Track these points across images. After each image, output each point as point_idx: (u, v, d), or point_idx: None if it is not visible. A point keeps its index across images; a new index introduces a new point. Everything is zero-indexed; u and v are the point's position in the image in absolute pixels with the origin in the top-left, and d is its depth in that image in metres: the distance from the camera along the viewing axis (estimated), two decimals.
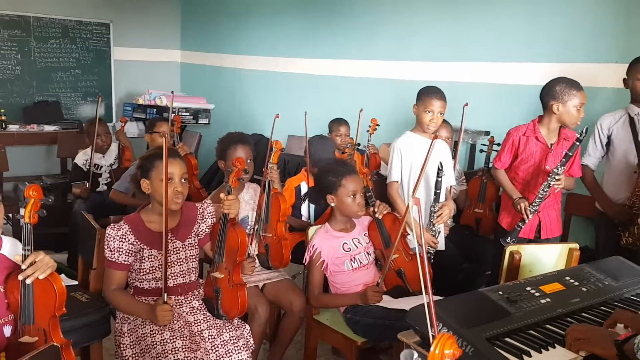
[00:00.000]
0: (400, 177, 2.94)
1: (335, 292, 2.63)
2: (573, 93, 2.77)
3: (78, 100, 6.71)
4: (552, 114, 2.83)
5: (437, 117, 2.87)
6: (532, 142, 2.92)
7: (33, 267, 1.66)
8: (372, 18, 5.09)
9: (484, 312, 1.61)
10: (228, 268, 2.32)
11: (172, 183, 2.22)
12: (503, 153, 3.00)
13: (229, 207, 2.26)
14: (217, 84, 6.92)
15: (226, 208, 2.26)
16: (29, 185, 1.69)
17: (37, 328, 1.70)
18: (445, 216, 2.87)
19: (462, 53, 4.39)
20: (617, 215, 2.93)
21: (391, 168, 2.94)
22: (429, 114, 2.86)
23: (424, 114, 2.87)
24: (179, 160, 2.30)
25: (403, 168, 2.93)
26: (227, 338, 2.18)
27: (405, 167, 2.93)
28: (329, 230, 2.65)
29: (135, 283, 2.29)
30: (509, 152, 2.98)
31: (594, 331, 1.55)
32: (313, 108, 5.63)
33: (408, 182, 2.92)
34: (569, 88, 2.78)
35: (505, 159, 3.00)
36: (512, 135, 2.98)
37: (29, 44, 6.34)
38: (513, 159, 2.99)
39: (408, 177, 2.93)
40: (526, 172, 2.94)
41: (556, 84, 2.82)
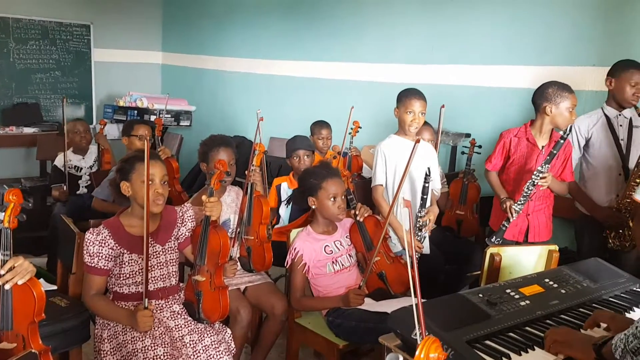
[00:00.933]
0: (384, 180, 2.95)
1: (317, 295, 2.63)
2: (565, 95, 2.81)
3: (58, 102, 6.63)
4: (545, 116, 2.86)
5: (418, 117, 2.89)
6: (523, 143, 2.94)
7: (12, 272, 1.63)
8: (355, 21, 5.10)
9: (464, 315, 1.63)
10: (210, 271, 2.31)
11: (152, 185, 2.20)
12: (494, 155, 3.03)
13: (211, 210, 2.26)
14: (199, 86, 6.88)
15: (208, 210, 2.25)
16: (9, 189, 1.66)
17: (16, 334, 1.67)
18: (432, 222, 2.90)
19: (443, 56, 4.42)
20: (607, 218, 2.93)
21: (375, 172, 2.95)
22: (410, 114, 2.88)
23: (406, 115, 2.89)
24: (160, 163, 2.29)
25: (387, 171, 2.95)
26: (208, 343, 2.17)
27: (390, 170, 2.94)
28: (310, 233, 2.66)
29: (115, 288, 2.27)
30: (500, 154, 3.01)
31: (573, 334, 1.57)
32: (295, 110, 5.64)
33: (393, 185, 2.93)
34: (561, 90, 2.82)
35: (496, 160, 3.02)
36: (504, 137, 3.01)
37: (8, 45, 6.26)
38: (505, 161, 3.02)
39: (393, 180, 2.94)
40: (516, 174, 2.96)
41: (549, 86, 2.86)
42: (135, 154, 2.31)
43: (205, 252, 2.30)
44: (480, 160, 3.29)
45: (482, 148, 3.66)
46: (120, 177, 2.27)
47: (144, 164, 2.13)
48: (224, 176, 2.42)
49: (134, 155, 2.31)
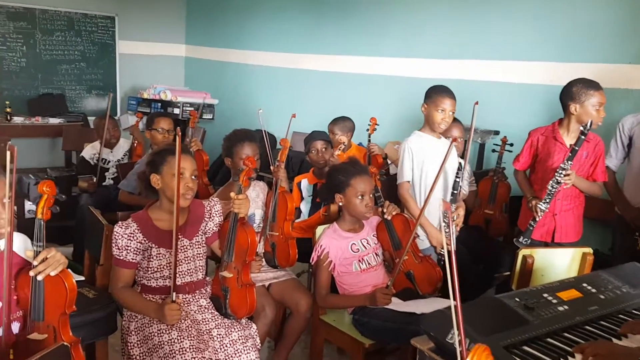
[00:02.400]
0: (411, 177, 2.90)
1: (342, 293, 2.60)
2: (590, 93, 2.73)
3: (83, 94, 6.70)
4: (571, 115, 2.80)
5: (448, 116, 2.83)
6: (550, 142, 2.89)
7: (45, 264, 1.63)
8: (380, 14, 5.05)
9: (500, 319, 1.58)
10: (237, 268, 2.29)
11: (183, 179, 2.19)
12: (522, 154, 2.99)
13: (239, 207, 2.24)
14: (222, 79, 6.89)
15: (236, 207, 2.23)
16: (43, 181, 1.66)
17: (47, 325, 1.68)
18: (461, 218, 2.85)
19: (470, 51, 4.36)
20: (635, 219, 2.89)
21: (402, 168, 2.91)
22: (441, 112, 2.82)
23: (436, 113, 2.82)
24: (191, 157, 2.28)
25: (414, 168, 2.90)
26: (235, 337, 2.16)
27: (417, 167, 2.89)
28: (337, 230, 2.62)
29: (143, 281, 2.26)
30: (528, 153, 2.97)
31: (616, 349, 1.51)
32: (318, 105, 5.61)
33: (419, 182, 2.89)
34: (586, 88, 2.75)
35: (523, 159, 2.99)
36: (532, 136, 2.97)
37: (35, 36, 6.32)
38: (533, 160, 2.97)
39: (419, 177, 2.89)
40: (544, 173, 2.90)
41: (574, 84, 2.79)
42: (167, 147, 2.30)
43: (233, 249, 2.29)
44: (510, 159, 3.23)
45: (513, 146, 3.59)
46: (150, 170, 2.25)
47: (175, 158, 2.12)
48: (252, 173, 2.40)
49: (166, 148, 2.30)
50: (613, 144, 3.07)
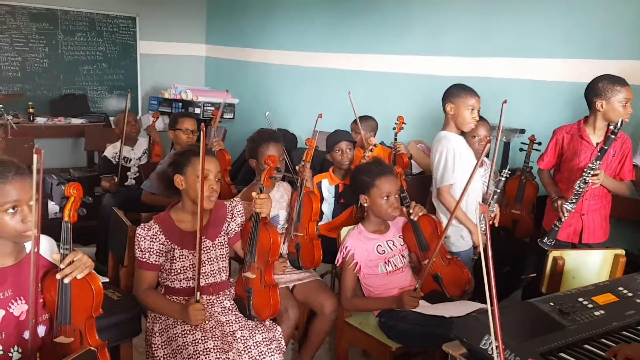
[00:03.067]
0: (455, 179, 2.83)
1: (368, 295, 2.57)
2: (617, 89, 2.67)
3: (104, 94, 6.74)
4: (597, 112, 2.74)
5: (477, 114, 2.79)
6: (576, 140, 2.83)
7: (71, 267, 1.62)
8: (402, 12, 4.99)
9: (535, 325, 1.54)
10: (260, 268, 2.27)
11: (207, 181, 2.18)
12: (547, 153, 2.94)
13: (261, 206, 2.22)
14: (242, 79, 6.88)
15: (258, 207, 2.22)
16: (70, 183, 1.65)
17: (73, 329, 1.66)
18: (497, 218, 2.83)
19: (495, 48, 4.28)
20: None
21: (446, 170, 2.80)
22: (471, 111, 2.77)
23: (466, 111, 2.77)
24: (215, 159, 2.27)
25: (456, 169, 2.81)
26: (260, 339, 2.14)
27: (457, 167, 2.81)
28: (362, 232, 2.59)
29: (166, 282, 2.25)
30: (553, 152, 2.92)
31: None
32: (339, 104, 5.57)
33: None
34: (612, 84, 2.69)
35: (547, 158, 2.94)
36: (556, 134, 2.92)
37: (57, 37, 6.37)
38: (559, 159, 2.91)
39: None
40: (570, 172, 2.84)
41: (599, 81, 2.73)
42: (191, 148, 2.29)
43: (256, 250, 2.27)
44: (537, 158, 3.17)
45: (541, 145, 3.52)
46: (174, 170, 2.24)
47: (200, 160, 2.11)
48: (274, 172, 2.38)
49: (190, 149, 2.29)
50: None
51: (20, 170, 1.64)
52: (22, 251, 1.72)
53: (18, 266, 1.68)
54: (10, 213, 1.58)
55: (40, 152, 1.54)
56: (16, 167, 1.64)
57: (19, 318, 1.67)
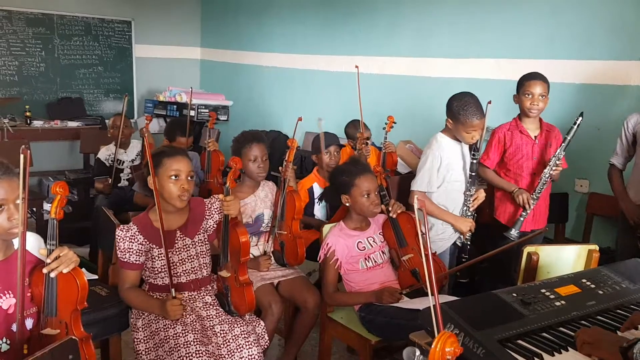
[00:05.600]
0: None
1: (349, 291, 2.65)
2: (524, 84, 2.95)
3: (100, 97, 6.82)
4: (520, 106, 3.00)
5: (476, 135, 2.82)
6: (517, 136, 3.02)
7: (57, 261, 1.70)
8: (391, 14, 5.07)
9: (496, 314, 1.61)
10: (234, 267, 2.35)
11: (178, 180, 2.25)
12: (491, 151, 3.08)
13: (229, 208, 2.28)
14: (236, 81, 6.96)
15: (225, 209, 2.28)
16: (56, 182, 1.73)
17: (59, 321, 1.74)
18: (481, 198, 2.90)
19: (481, 49, 4.36)
20: (636, 217, 2.91)
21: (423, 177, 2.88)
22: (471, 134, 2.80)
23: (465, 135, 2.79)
24: (186, 158, 2.32)
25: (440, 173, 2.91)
26: (238, 333, 2.21)
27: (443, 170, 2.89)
28: (343, 229, 2.67)
29: (150, 280, 2.33)
30: (496, 150, 3.07)
31: (602, 335, 1.54)
32: (331, 105, 5.65)
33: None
34: (523, 79, 2.97)
35: (493, 156, 3.08)
36: (497, 132, 3.07)
37: (53, 41, 6.45)
38: (500, 157, 3.07)
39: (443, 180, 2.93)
40: (516, 166, 3.03)
41: (520, 78, 3.00)
42: (163, 149, 2.37)
43: (227, 249, 2.34)
44: None
45: None
46: (147, 172, 2.29)
47: (172, 160, 2.23)
48: (238, 174, 2.44)
49: (161, 150, 2.36)
50: (619, 142, 3.10)
51: (8, 170, 1.71)
52: (10, 247, 1.79)
53: (6, 262, 1.76)
54: None
55: (26, 152, 1.62)
56: (5, 167, 1.71)
57: (7, 311, 1.74)
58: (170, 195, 2.24)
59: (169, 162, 2.23)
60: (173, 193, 2.25)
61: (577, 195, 3.81)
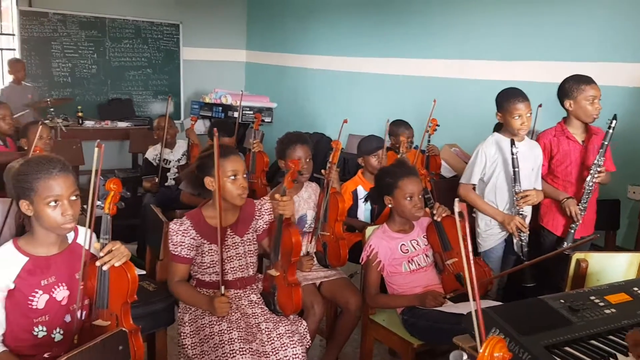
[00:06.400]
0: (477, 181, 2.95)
1: (392, 293, 2.64)
2: (582, 88, 2.80)
3: (149, 98, 7.00)
4: (569, 112, 2.87)
5: (526, 120, 2.80)
6: (563, 142, 2.93)
7: (110, 255, 1.76)
8: (438, 17, 5.04)
9: (543, 320, 1.58)
10: (283, 267, 2.37)
11: (236, 179, 2.29)
12: None
13: (284, 208, 2.32)
14: (281, 83, 7.04)
15: (281, 209, 2.32)
16: (110, 179, 1.80)
17: (110, 313, 1.81)
18: (532, 198, 2.83)
19: (529, 52, 4.29)
20: None
21: (469, 169, 2.94)
22: (518, 118, 2.78)
23: (513, 120, 2.79)
24: (240, 157, 2.37)
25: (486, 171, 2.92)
26: (282, 331, 2.23)
27: (489, 170, 2.91)
28: (386, 231, 2.66)
29: (197, 275, 2.38)
30: (544, 158, 2.97)
31: None
32: (374, 107, 5.65)
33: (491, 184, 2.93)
34: (577, 83, 2.81)
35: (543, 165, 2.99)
36: (543, 139, 2.99)
37: (105, 44, 6.67)
38: (547, 163, 3.00)
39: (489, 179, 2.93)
40: (565, 173, 2.95)
41: (566, 82, 2.87)
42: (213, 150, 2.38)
43: (279, 249, 2.37)
44: None
45: None
46: (203, 172, 2.34)
47: (228, 160, 2.27)
48: (296, 175, 2.47)
49: (213, 151, 2.37)
50: None
51: (64, 167, 1.78)
52: (64, 241, 1.87)
53: (61, 255, 1.84)
54: (52, 206, 1.73)
55: (101, 146, 1.71)
56: (61, 164, 1.78)
57: (61, 302, 1.82)
58: (231, 195, 2.28)
59: (226, 163, 2.27)
60: (233, 192, 2.29)
61: (629, 202, 3.69)
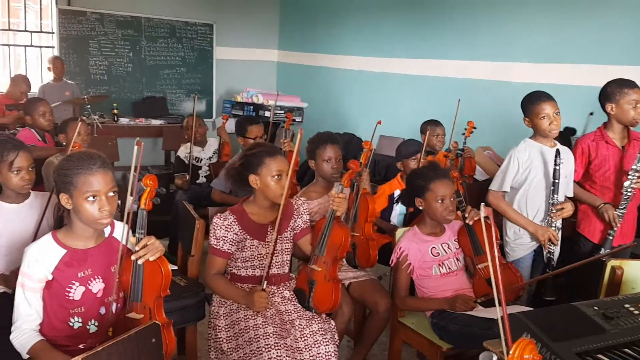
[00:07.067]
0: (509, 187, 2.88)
1: (421, 296, 2.63)
2: (625, 91, 2.74)
3: (182, 97, 7.10)
4: (611, 116, 2.81)
5: (555, 119, 2.75)
6: (602, 146, 2.88)
7: (145, 249, 1.80)
8: (472, 17, 5.00)
9: (576, 326, 1.56)
10: (327, 262, 2.38)
11: (280, 180, 2.31)
12: (575, 164, 2.92)
13: (338, 205, 2.34)
14: (312, 83, 7.06)
15: (335, 205, 2.34)
16: (147, 175, 1.84)
17: (144, 306, 1.84)
18: (568, 211, 2.78)
19: (567, 54, 4.22)
20: None
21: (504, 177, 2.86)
22: (546, 119, 2.74)
23: (541, 121, 2.75)
24: (285, 158, 2.39)
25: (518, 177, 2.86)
26: (316, 329, 2.24)
27: (521, 175, 2.85)
28: (417, 233, 2.65)
29: (233, 270, 2.40)
30: (580, 161, 2.92)
31: None
32: (406, 109, 5.63)
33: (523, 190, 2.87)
34: (620, 87, 2.76)
35: (577, 168, 2.93)
36: (581, 144, 2.94)
37: (140, 43, 6.79)
38: (585, 168, 2.94)
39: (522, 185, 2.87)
40: (603, 178, 2.89)
41: (608, 85, 2.82)
42: (261, 148, 2.40)
43: (326, 244, 2.38)
44: None
45: None
46: (247, 170, 2.35)
47: (274, 160, 2.30)
48: (355, 175, 2.49)
49: (260, 150, 2.38)
50: None
51: (104, 163, 1.83)
52: (101, 235, 1.92)
53: (97, 248, 1.88)
54: (90, 201, 1.77)
55: (141, 144, 1.76)
56: (102, 160, 1.83)
57: (96, 295, 1.87)
58: (274, 194, 2.30)
59: (272, 163, 2.30)
60: (277, 192, 2.30)
61: None
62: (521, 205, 2.86)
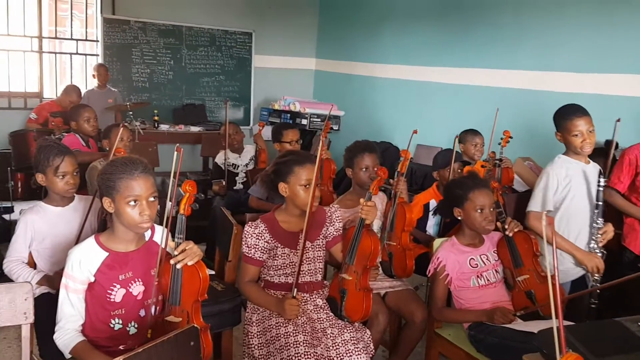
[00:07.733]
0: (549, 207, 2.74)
1: (459, 308, 2.58)
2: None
3: (221, 104, 7.21)
4: None
5: (588, 136, 2.63)
6: None
7: (184, 254, 1.82)
8: (513, 26, 4.93)
9: (618, 342, 1.52)
10: (357, 271, 2.37)
11: (309, 188, 2.30)
12: (621, 174, 2.84)
13: (367, 213, 2.33)
14: (348, 92, 7.07)
15: (364, 213, 2.33)
16: (186, 181, 1.87)
17: (182, 310, 1.87)
18: (610, 234, 2.67)
19: (609, 64, 4.12)
20: None
21: (543, 196, 2.74)
22: (579, 136, 2.63)
23: (573, 138, 2.64)
24: (313, 166, 2.37)
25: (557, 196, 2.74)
26: (347, 338, 2.22)
27: (560, 194, 2.73)
28: (455, 244, 2.61)
29: (266, 277, 2.41)
30: (627, 173, 2.84)
31: None
32: (442, 118, 5.57)
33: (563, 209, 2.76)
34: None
35: (624, 179, 2.85)
36: (629, 154, 2.86)
37: (181, 51, 6.93)
38: (632, 180, 2.86)
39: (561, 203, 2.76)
40: None
41: None
42: (292, 156, 2.39)
43: (355, 253, 2.37)
44: None
45: None
46: (277, 178, 2.36)
47: (304, 169, 2.28)
48: (383, 182, 2.48)
49: (291, 158, 2.38)
50: None
51: (146, 169, 1.86)
52: (141, 239, 1.95)
53: (138, 252, 1.92)
54: (131, 205, 1.81)
55: (181, 150, 1.81)
56: (143, 166, 1.86)
57: (136, 297, 1.90)
58: (302, 203, 2.29)
59: (301, 171, 2.29)
60: (306, 200, 2.28)
61: None
62: (562, 228, 2.72)
